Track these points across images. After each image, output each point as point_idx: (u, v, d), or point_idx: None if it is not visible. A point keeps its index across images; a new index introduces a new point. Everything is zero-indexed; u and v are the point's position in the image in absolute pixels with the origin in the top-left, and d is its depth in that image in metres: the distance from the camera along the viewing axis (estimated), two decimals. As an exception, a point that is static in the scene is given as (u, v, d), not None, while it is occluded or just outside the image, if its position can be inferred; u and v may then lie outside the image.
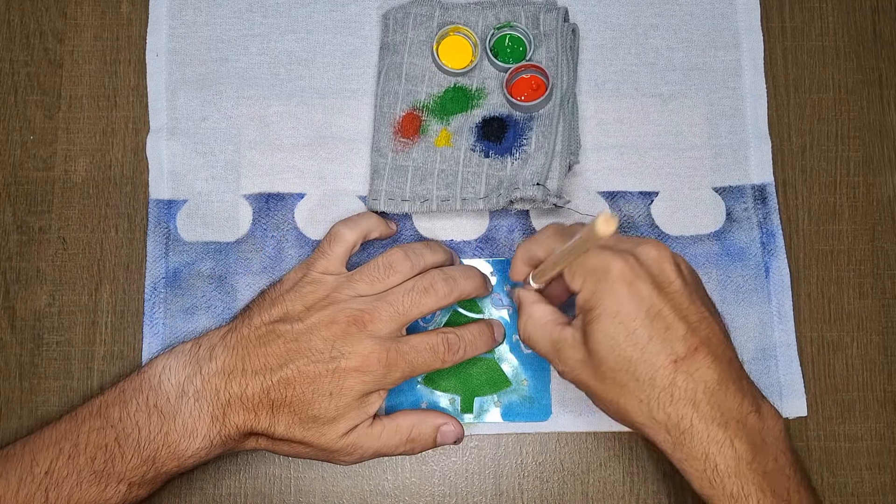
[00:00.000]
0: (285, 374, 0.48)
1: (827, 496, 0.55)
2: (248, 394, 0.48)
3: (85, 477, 0.47)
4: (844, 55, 0.60)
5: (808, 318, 0.57)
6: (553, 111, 0.55)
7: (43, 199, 0.58)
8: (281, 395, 0.48)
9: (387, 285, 0.51)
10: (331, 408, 0.48)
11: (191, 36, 0.59)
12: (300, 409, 0.48)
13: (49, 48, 0.59)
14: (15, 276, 0.57)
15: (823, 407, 0.56)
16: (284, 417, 0.48)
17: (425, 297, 0.50)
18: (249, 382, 0.48)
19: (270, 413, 0.48)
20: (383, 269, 0.51)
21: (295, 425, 0.48)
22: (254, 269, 0.56)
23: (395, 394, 0.55)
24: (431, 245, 0.53)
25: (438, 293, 0.50)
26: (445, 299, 0.50)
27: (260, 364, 0.48)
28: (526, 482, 0.55)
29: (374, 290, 0.50)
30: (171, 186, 0.58)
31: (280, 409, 0.48)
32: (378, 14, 0.60)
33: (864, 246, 0.58)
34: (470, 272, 0.53)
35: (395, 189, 0.56)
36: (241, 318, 0.51)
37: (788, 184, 0.58)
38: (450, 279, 0.51)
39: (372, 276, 0.51)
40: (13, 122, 0.58)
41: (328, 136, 0.58)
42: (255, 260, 0.57)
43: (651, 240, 0.47)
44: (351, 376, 0.48)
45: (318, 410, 0.48)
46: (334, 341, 0.48)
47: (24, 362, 0.56)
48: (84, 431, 0.47)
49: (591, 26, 0.60)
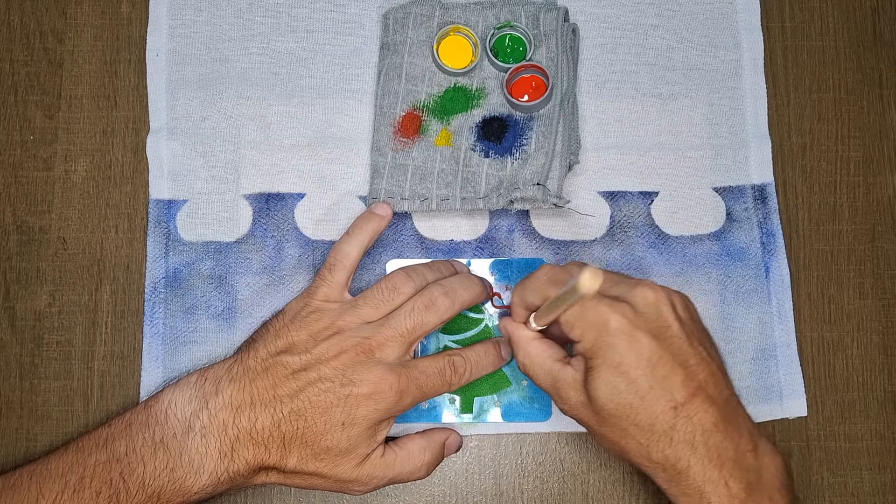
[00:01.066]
0: (296, 406, 0.48)
1: (827, 496, 0.55)
2: (257, 427, 0.48)
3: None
4: (844, 55, 0.60)
5: (808, 318, 0.57)
6: (553, 111, 0.55)
7: (43, 199, 0.58)
8: (292, 428, 0.48)
9: (391, 307, 0.50)
10: (343, 438, 0.48)
11: (191, 36, 0.59)
12: (312, 440, 0.48)
13: (49, 48, 0.59)
14: (15, 276, 0.57)
15: (823, 407, 0.56)
16: (297, 450, 0.48)
17: (428, 315, 0.50)
18: (259, 416, 0.48)
19: (282, 446, 0.48)
20: (387, 293, 0.51)
21: (308, 458, 0.48)
22: (254, 269, 0.56)
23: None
24: (432, 265, 0.54)
25: (440, 309, 0.50)
26: (448, 313, 0.50)
27: (269, 396, 0.48)
28: (526, 482, 0.55)
29: (379, 314, 0.50)
30: (171, 186, 0.58)
31: (292, 441, 0.48)
32: (378, 14, 0.60)
33: (864, 246, 0.58)
34: (468, 281, 0.53)
35: (394, 188, 0.56)
36: (245, 351, 0.51)
37: (788, 184, 0.58)
38: (449, 292, 0.51)
39: (376, 300, 0.51)
40: (13, 122, 0.58)
41: (328, 136, 0.58)
42: (255, 260, 0.57)
43: (646, 282, 0.47)
44: (363, 405, 0.48)
45: (331, 441, 0.48)
46: (344, 370, 0.48)
47: (24, 362, 0.56)
48: (90, 465, 0.47)
49: (591, 26, 0.60)
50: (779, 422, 0.55)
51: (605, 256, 0.57)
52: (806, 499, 0.55)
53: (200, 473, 0.47)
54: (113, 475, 0.47)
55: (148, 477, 0.47)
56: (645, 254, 0.57)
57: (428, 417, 0.54)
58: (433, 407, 0.55)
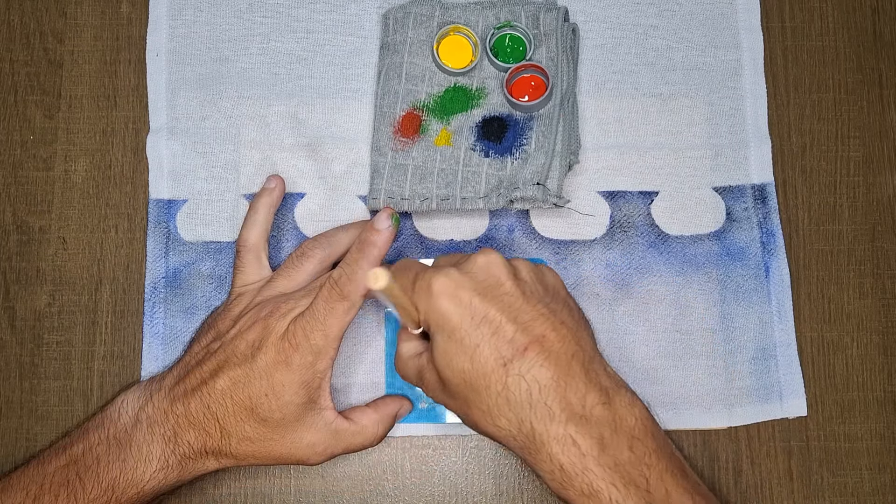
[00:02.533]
0: (220, 386, 0.48)
1: (827, 496, 0.55)
2: (191, 411, 0.48)
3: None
4: (844, 55, 0.60)
5: (808, 318, 0.57)
6: (553, 111, 0.55)
7: (43, 199, 0.58)
8: (223, 407, 0.48)
9: (304, 273, 0.51)
10: (274, 408, 0.48)
11: (191, 36, 0.59)
12: (245, 416, 0.48)
13: (49, 48, 0.59)
14: (15, 276, 0.57)
15: (823, 407, 0.56)
16: (234, 428, 0.48)
17: (305, 262, 0.51)
18: (191, 401, 0.49)
19: (219, 426, 0.48)
20: (297, 259, 0.52)
21: (248, 434, 0.49)
22: (254, 268, 0.57)
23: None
24: (346, 226, 0.54)
25: (315, 256, 0.51)
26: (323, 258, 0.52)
27: (197, 381, 0.49)
28: (526, 482, 0.55)
29: (293, 281, 0.51)
30: (170, 186, 0.58)
31: (226, 420, 0.48)
32: (378, 14, 0.60)
33: (864, 246, 0.58)
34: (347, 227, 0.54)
35: (394, 188, 0.56)
36: (185, 351, 0.53)
37: (788, 184, 0.58)
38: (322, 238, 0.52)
39: (287, 269, 0.52)
40: (13, 122, 0.58)
41: (328, 136, 0.58)
42: (254, 260, 0.57)
43: (482, 249, 0.46)
44: (277, 371, 0.48)
45: (264, 412, 0.48)
46: (253, 342, 0.49)
47: (24, 362, 0.56)
48: (49, 472, 0.48)
49: (591, 26, 0.60)
50: (779, 422, 0.55)
51: (605, 256, 0.57)
52: (806, 499, 0.55)
53: (150, 460, 0.48)
54: (70, 476, 0.48)
55: (102, 471, 0.48)
56: (645, 254, 0.57)
57: (428, 418, 0.54)
58: (433, 407, 0.55)
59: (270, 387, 0.48)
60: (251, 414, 0.48)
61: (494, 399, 0.43)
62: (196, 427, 0.48)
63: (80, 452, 0.48)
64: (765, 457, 0.55)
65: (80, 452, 0.48)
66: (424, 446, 0.55)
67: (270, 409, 0.48)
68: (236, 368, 0.48)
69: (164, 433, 0.48)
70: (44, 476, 0.48)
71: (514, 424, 0.43)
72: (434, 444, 0.55)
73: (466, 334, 0.43)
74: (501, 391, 0.43)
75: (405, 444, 0.55)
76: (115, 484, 0.48)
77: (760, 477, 0.55)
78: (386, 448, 0.55)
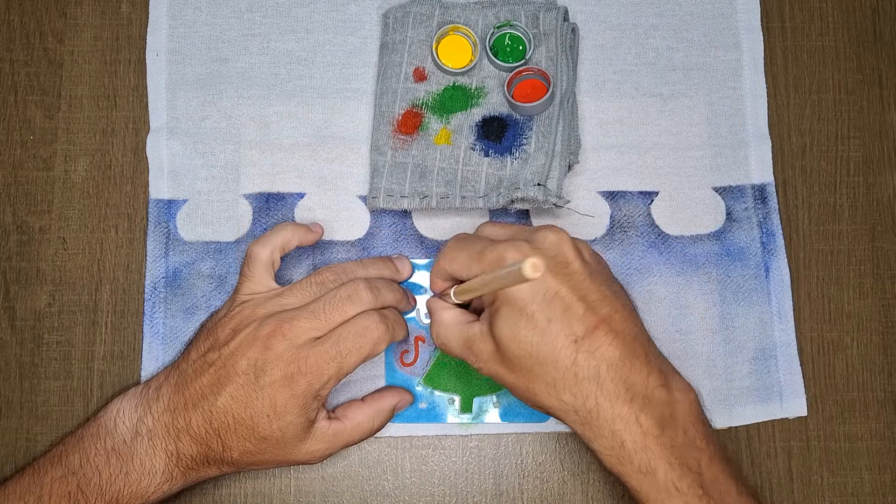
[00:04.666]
0: (221, 403, 0.48)
1: (827, 496, 0.55)
2: (193, 426, 0.48)
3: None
4: (844, 55, 0.60)
5: (808, 318, 0.57)
6: (553, 111, 0.55)
7: (43, 199, 0.58)
8: (224, 423, 0.48)
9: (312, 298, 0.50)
10: (275, 428, 0.48)
11: (191, 36, 0.59)
12: (246, 433, 0.48)
13: (49, 48, 0.59)
14: (15, 276, 0.57)
15: (823, 407, 0.56)
16: (235, 443, 0.48)
17: (349, 305, 0.49)
18: (192, 416, 0.48)
19: (220, 441, 0.48)
20: (311, 286, 0.51)
21: (249, 448, 0.49)
22: (253, 268, 0.56)
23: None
24: (363, 262, 0.53)
25: (363, 300, 0.49)
26: (368, 306, 0.49)
27: (198, 395, 0.48)
28: (526, 482, 0.55)
29: (303, 303, 0.50)
30: (171, 186, 0.58)
31: (227, 435, 0.48)
32: (378, 14, 0.60)
33: (864, 246, 0.58)
34: (392, 285, 0.52)
35: (394, 186, 0.56)
36: (182, 355, 0.52)
37: (788, 184, 0.58)
38: (374, 288, 0.50)
39: (302, 293, 0.50)
40: (13, 122, 0.58)
41: (328, 136, 0.58)
42: (254, 260, 0.57)
43: (549, 225, 0.47)
44: (280, 392, 0.47)
45: (264, 431, 0.48)
46: (256, 360, 0.48)
47: (24, 362, 0.56)
48: (47, 482, 0.48)
49: (591, 26, 0.60)
50: (779, 422, 0.55)
51: (605, 256, 0.57)
52: (806, 499, 0.55)
53: (154, 474, 0.48)
54: (70, 488, 0.47)
55: (105, 484, 0.47)
56: (645, 254, 0.57)
57: (428, 418, 0.54)
58: (433, 407, 0.55)
59: (272, 408, 0.48)
60: (252, 432, 0.48)
61: (562, 374, 0.44)
62: (198, 442, 0.48)
63: (77, 463, 0.48)
64: (765, 457, 0.55)
65: (78, 463, 0.48)
66: (424, 446, 0.55)
67: (271, 428, 0.48)
68: (238, 386, 0.48)
69: (166, 447, 0.48)
70: (41, 486, 0.47)
71: (578, 400, 0.44)
72: (434, 444, 0.55)
73: (539, 309, 0.44)
74: (570, 366, 0.44)
75: (405, 444, 0.55)
76: (118, 497, 0.48)
77: (760, 477, 0.55)
78: (386, 448, 0.55)
